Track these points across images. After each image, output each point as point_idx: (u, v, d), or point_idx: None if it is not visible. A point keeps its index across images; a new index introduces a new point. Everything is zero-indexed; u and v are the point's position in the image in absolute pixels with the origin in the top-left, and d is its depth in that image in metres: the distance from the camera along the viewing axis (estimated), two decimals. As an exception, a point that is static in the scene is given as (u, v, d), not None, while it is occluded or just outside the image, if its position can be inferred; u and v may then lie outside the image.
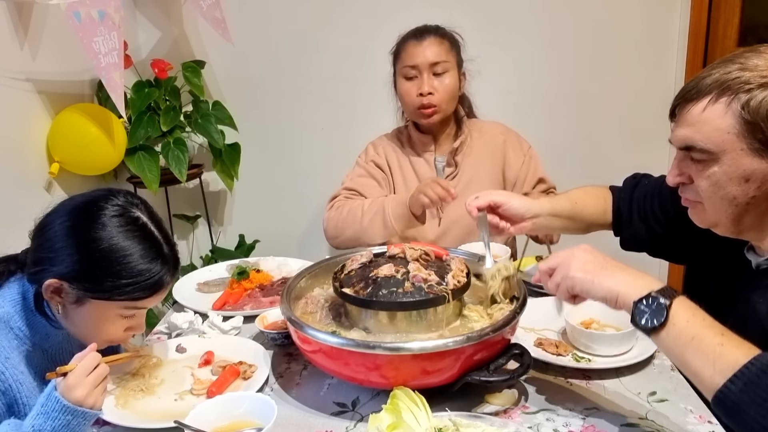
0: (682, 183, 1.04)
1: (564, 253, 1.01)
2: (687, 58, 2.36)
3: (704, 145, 0.96)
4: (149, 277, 1.04)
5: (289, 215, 2.62)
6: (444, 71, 1.73)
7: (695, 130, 0.97)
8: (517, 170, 1.81)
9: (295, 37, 2.43)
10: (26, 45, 1.89)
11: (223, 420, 0.99)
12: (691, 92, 0.98)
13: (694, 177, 1.01)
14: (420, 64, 1.72)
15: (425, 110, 1.73)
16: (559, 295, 1.01)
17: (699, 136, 0.96)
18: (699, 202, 1.03)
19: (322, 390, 1.16)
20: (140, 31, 2.43)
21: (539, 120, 2.34)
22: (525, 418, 1.05)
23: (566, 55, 2.40)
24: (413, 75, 1.74)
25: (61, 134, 1.97)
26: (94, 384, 0.98)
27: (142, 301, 1.06)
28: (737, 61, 0.94)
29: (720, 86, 0.94)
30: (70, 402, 0.95)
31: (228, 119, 2.36)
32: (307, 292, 1.29)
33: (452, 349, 1.00)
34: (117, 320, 1.07)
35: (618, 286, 0.93)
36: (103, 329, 1.07)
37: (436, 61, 1.72)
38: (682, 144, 1.00)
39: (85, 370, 0.97)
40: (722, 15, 2.24)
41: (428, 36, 1.74)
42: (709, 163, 0.97)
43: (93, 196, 1.08)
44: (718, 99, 0.94)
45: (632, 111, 2.46)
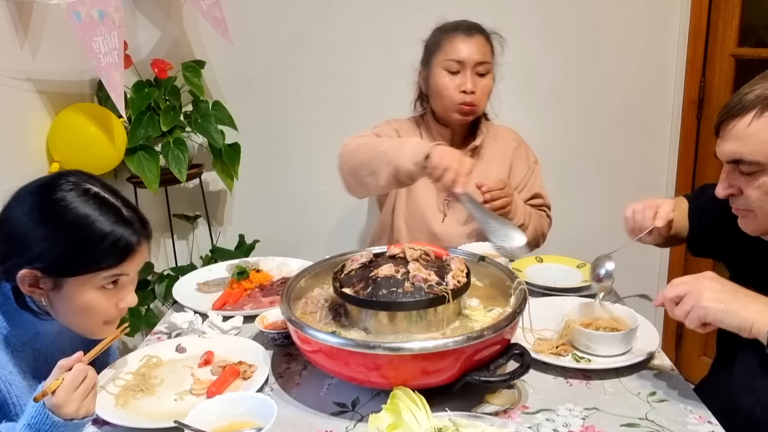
0: (731, 194, 1.08)
1: (691, 282, 1.02)
2: (687, 59, 2.36)
3: (753, 158, 1.00)
4: (115, 239, 1.02)
5: (289, 215, 2.62)
6: (486, 72, 1.71)
7: (743, 143, 1.01)
8: (519, 180, 1.81)
9: (295, 37, 2.43)
10: (26, 44, 1.89)
11: (222, 420, 0.99)
12: (736, 108, 1.02)
13: (743, 188, 1.05)
14: (467, 61, 1.68)
15: (465, 107, 1.70)
16: (689, 323, 1.02)
17: (747, 149, 1.00)
18: (750, 211, 1.06)
19: (321, 390, 1.16)
20: (140, 30, 2.43)
21: (537, 120, 2.34)
22: (525, 418, 1.05)
23: (565, 55, 2.40)
24: (456, 70, 1.69)
25: (61, 134, 1.97)
26: (83, 396, 0.96)
27: (117, 267, 1.04)
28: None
29: (764, 101, 0.99)
30: (60, 418, 0.93)
31: (228, 119, 2.36)
32: (307, 292, 1.29)
33: (452, 349, 1.00)
34: (102, 296, 1.05)
35: (753, 316, 0.96)
36: (93, 309, 1.05)
37: (483, 60, 1.69)
38: (730, 158, 1.04)
39: (72, 385, 0.95)
40: (722, 16, 2.24)
41: (477, 34, 1.71)
42: (759, 174, 1.01)
43: (44, 180, 1.07)
44: (762, 113, 0.98)
45: (632, 111, 2.46)
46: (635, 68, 2.41)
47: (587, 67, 2.40)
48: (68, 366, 0.97)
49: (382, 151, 1.44)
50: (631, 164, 2.52)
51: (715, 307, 0.98)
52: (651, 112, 2.47)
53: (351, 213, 2.61)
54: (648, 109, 2.46)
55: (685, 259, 2.51)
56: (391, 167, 1.40)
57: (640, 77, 2.42)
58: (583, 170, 2.49)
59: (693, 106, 2.37)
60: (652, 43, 2.38)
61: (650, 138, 2.49)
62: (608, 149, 2.50)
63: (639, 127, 2.48)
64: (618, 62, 2.40)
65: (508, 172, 1.82)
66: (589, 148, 2.49)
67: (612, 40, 2.38)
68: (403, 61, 2.41)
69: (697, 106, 2.36)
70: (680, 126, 2.43)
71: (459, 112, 1.72)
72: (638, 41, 2.38)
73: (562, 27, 2.37)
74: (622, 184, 2.52)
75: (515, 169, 1.83)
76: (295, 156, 2.56)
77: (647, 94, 2.44)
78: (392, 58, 2.41)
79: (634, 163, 2.52)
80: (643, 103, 2.45)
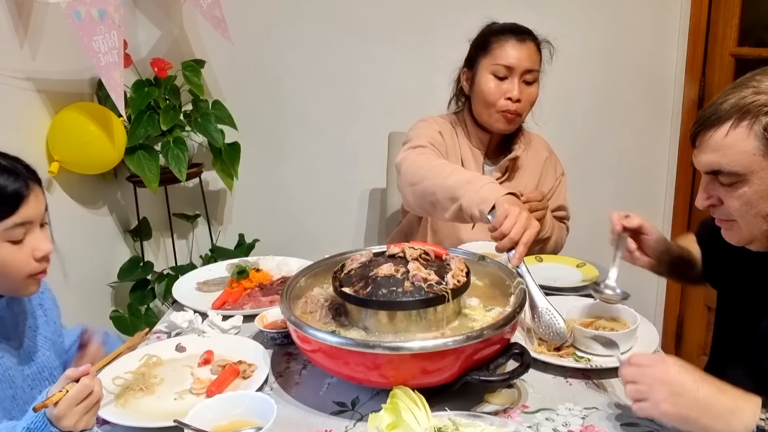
0: (712, 205, 1.06)
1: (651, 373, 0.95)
2: (687, 58, 2.36)
3: (731, 168, 0.98)
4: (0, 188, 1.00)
5: (289, 214, 2.62)
6: (534, 80, 1.67)
7: (721, 154, 0.99)
8: (547, 191, 1.80)
9: (295, 37, 2.43)
10: (26, 44, 1.89)
11: (222, 419, 0.99)
12: (711, 118, 0.99)
13: (723, 198, 1.02)
14: (516, 67, 1.63)
15: (509, 115, 1.66)
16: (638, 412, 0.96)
17: (725, 160, 0.98)
18: (733, 221, 1.04)
19: (321, 389, 1.16)
20: (140, 30, 2.42)
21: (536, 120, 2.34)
22: (524, 417, 1.05)
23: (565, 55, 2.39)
24: (504, 75, 1.65)
25: (61, 133, 1.97)
26: (85, 411, 0.95)
27: (14, 215, 1.02)
28: (750, 85, 0.97)
29: (739, 110, 0.96)
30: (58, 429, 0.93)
31: (228, 118, 2.35)
32: (307, 291, 1.29)
33: (452, 349, 1.00)
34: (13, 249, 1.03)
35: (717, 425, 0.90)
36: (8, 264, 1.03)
37: (531, 68, 1.65)
38: (708, 169, 1.02)
39: (75, 400, 0.94)
40: (722, 15, 2.24)
41: (529, 40, 1.67)
42: (738, 184, 0.99)
43: None
44: (739, 123, 0.96)
45: (632, 111, 2.46)
46: (635, 68, 2.41)
47: (587, 66, 2.40)
48: (75, 377, 0.96)
49: (449, 186, 1.38)
50: (631, 164, 2.52)
51: (670, 414, 0.92)
52: (651, 112, 2.47)
53: (351, 212, 2.62)
54: (648, 109, 2.46)
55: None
56: (457, 205, 1.35)
57: (640, 77, 2.42)
58: (582, 170, 2.48)
59: (693, 106, 2.37)
60: (652, 42, 2.38)
61: (650, 138, 2.49)
62: (608, 149, 2.50)
63: (639, 127, 2.48)
64: (618, 61, 2.40)
65: (538, 182, 1.80)
66: (589, 148, 2.49)
67: (612, 40, 2.38)
68: (404, 60, 2.42)
69: (697, 106, 2.36)
70: (680, 126, 2.43)
71: (501, 119, 1.68)
72: (638, 41, 2.38)
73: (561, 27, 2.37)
74: (622, 183, 2.52)
75: (544, 179, 1.81)
76: (295, 155, 2.56)
77: (647, 93, 2.44)
78: (393, 58, 2.41)
79: (634, 163, 2.52)
80: (643, 103, 2.45)
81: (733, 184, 0.99)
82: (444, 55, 1.86)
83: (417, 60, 2.41)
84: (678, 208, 2.49)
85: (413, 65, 2.41)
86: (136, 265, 2.37)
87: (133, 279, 2.34)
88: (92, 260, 2.24)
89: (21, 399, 1.11)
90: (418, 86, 2.41)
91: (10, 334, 1.12)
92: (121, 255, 2.43)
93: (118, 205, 2.44)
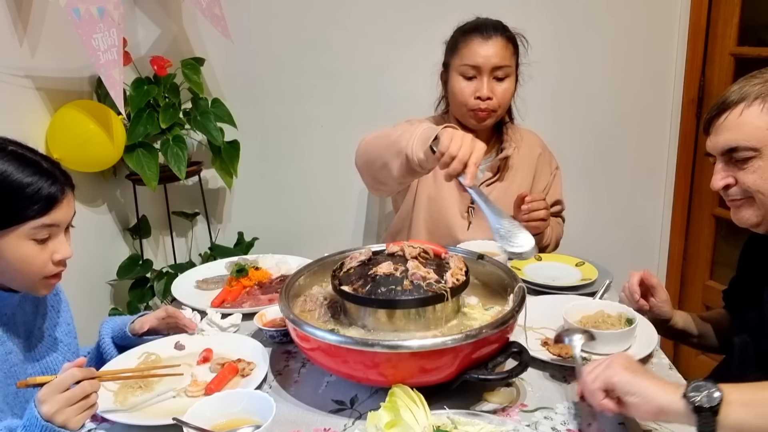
0: (727, 186, 1.12)
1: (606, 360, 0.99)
2: (687, 58, 2.36)
3: (747, 143, 1.06)
4: (37, 189, 1.04)
5: (288, 213, 2.62)
6: (505, 76, 1.64)
7: (736, 131, 1.07)
8: (542, 187, 1.79)
9: (294, 34, 2.42)
10: (25, 41, 1.89)
11: (221, 417, 0.99)
12: (725, 103, 1.09)
13: (739, 177, 1.10)
14: (482, 66, 1.62)
15: (480, 113, 1.65)
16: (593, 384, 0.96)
17: (741, 135, 1.07)
18: (748, 198, 1.10)
19: (320, 387, 1.16)
20: (139, 27, 2.42)
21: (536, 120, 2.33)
22: (523, 416, 1.05)
23: (564, 55, 2.40)
24: (472, 75, 1.64)
25: (60, 131, 1.97)
26: (68, 402, 0.94)
27: (45, 216, 1.05)
28: (759, 77, 1.08)
29: (752, 94, 1.06)
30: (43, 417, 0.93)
31: (227, 116, 2.35)
32: (306, 289, 1.29)
33: (451, 347, 1.00)
34: (36, 249, 1.06)
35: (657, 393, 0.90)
36: (29, 262, 1.06)
37: (500, 65, 1.62)
38: (725, 147, 1.10)
39: (58, 387, 0.94)
40: (722, 14, 2.24)
41: (495, 36, 1.63)
42: (754, 159, 1.07)
43: None
44: (752, 103, 1.06)
45: (631, 110, 2.46)
46: (635, 67, 2.40)
47: (586, 65, 2.40)
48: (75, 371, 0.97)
49: (393, 141, 1.35)
50: (630, 163, 2.52)
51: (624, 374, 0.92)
52: (650, 111, 2.46)
53: (350, 211, 2.61)
54: (647, 108, 2.46)
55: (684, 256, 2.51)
56: (402, 156, 1.31)
57: (639, 76, 2.42)
58: (582, 169, 2.49)
59: (692, 104, 2.37)
60: (651, 41, 2.38)
61: (649, 137, 2.49)
62: (607, 148, 2.50)
63: (638, 126, 2.47)
64: (617, 61, 2.40)
65: (532, 180, 1.80)
66: (588, 147, 2.49)
67: (611, 39, 2.38)
68: (403, 59, 2.42)
69: (696, 105, 2.36)
70: (679, 125, 2.43)
71: (473, 118, 1.68)
72: (638, 40, 2.38)
73: (560, 27, 2.37)
74: (621, 182, 2.52)
75: (539, 176, 1.80)
76: (295, 154, 2.55)
77: (647, 92, 2.44)
78: (392, 56, 2.41)
79: (633, 162, 2.52)
80: (643, 102, 2.45)
81: (749, 159, 1.07)
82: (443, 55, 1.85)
83: (417, 60, 2.40)
84: (677, 208, 2.49)
85: (413, 65, 2.40)
86: (136, 263, 2.38)
87: (132, 277, 2.34)
88: (91, 258, 2.24)
89: (23, 397, 1.11)
90: (418, 86, 2.40)
91: (20, 333, 1.13)
92: (120, 253, 2.43)
93: (117, 203, 2.44)
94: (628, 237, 2.54)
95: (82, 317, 1.45)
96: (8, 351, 1.08)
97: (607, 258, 1.70)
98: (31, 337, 1.17)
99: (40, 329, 1.20)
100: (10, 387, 1.08)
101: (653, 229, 2.57)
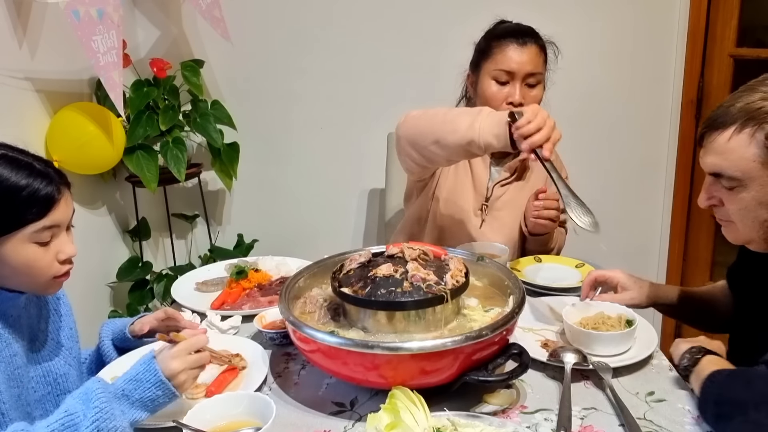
0: (713, 205, 1.08)
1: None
2: (685, 59, 2.36)
3: (732, 173, 1.00)
4: (33, 191, 1.03)
5: (288, 215, 2.62)
6: (537, 83, 1.65)
7: (723, 158, 1.01)
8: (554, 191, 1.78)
9: (294, 37, 2.43)
10: (25, 43, 1.89)
11: (221, 419, 0.99)
12: (717, 121, 1.01)
13: (724, 200, 1.05)
14: (516, 72, 1.61)
15: None
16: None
17: (726, 164, 1.01)
18: (731, 222, 1.06)
19: (320, 390, 1.16)
20: (139, 29, 2.42)
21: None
22: (523, 417, 1.05)
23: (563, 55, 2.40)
24: (506, 80, 1.63)
25: (60, 133, 1.97)
26: (192, 364, 1.03)
27: (45, 218, 1.04)
28: (760, 90, 0.99)
29: (745, 115, 0.98)
30: (164, 373, 0.99)
31: (227, 118, 2.35)
32: (306, 291, 1.29)
33: (451, 349, 1.00)
34: (40, 251, 1.05)
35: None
36: (34, 264, 1.05)
37: (533, 72, 1.63)
38: (711, 170, 1.05)
39: (190, 347, 1.03)
40: (720, 16, 2.24)
41: (530, 43, 1.64)
42: (738, 188, 1.01)
43: None
44: (742, 129, 0.98)
45: (630, 111, 2.46)
46: (634, 68, 2.41)
47: (586, 66, 2.40)
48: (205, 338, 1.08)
49: (450, 119, 1.34)
50: (630, 164, 2.52)
51: None
52: (649, 113, 2.47)
53: (350, 213, 2.62)
54: (646, 110, 2.46)
55: (684, 257, 2.52)
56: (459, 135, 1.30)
57: (638, 77, 2.42)
58: (581, 170, 2.48)
59: (691, 106, 2.37)
60: (650, 43, 2.38)
61: (649, 138, 2.49)
62: (607, 149, 2.50)
63: (637, 128, 2.48)
64: (617, 62, 2.40)
65: (545, 183, 1.78)
66: (588, 148, 2.48)
67: (611, 41, 2.38)
68: (403, 60, 2.42)
69: (695, 107, 2.36)
70: (678, 126, 2.43)
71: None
72: (637, 41, 2.38)
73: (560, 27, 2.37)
74: (621, 184, 2.52)
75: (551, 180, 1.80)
76: (294, 156, 2.56)
77: (646, 94, 2.44)
78: (392, 58, 2.41)
79: (632, 164, 2.52)
80: (642, 104, 2.45)
81: (734, 188, 1.01)
82: (444, 56, 1.86)
83: (416, 60, 2.41)
84: (677, 209, 2.49)
85: (413, 65, 2.41)
86: (135, 265, 2.37)
87: (131, 279, 2.34)
88: (91, 260, 2.24)
89: (24, 400, 1.11)
90: (418, 86, 2.41)
91: (24, 335, 1.13)
92: (119, 255, 2.43)
93: (117, 205, 2.44)
94: (628, 238, 2.54)
95: (82, 319, 1.44)
96: (14, 353, 1.08)
97: (606, 259, 1.70)
98: (35, 340, 1.17)
99: (44, 332, 1.20)
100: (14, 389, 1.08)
101: (653, 230, 2.57)
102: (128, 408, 0.97)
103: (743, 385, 0.93)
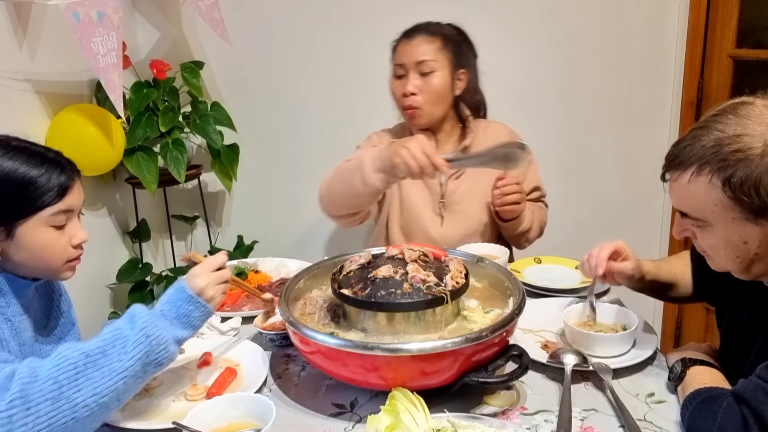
0: (687, 237, 1.06)
1: None
2: (685, 60, 2.36)
3: (696, 215, 0.99)
4: (48, 177, 1.08)
5: (288, 216, 2.62)
6: (431, 71, 1.67)
7: (685, 200, 1.00)
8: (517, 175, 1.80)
9: (293, 38, 2.43)
10: (25, 45, 1.89)
11: (221, 421, 0.99)
12: (676, 161, 0.99)
13: (696, 235, 1.03)
14: (407, 63, 1.68)
15: (407, 111, 1.70)
16: None
17: (689, 206, 1.00)
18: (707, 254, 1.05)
19: (320, 391, 1.16)
20: (139, 31, 2.43)
21: (535, 120, 2.34)
22: (523, 419, 1.05)
23: (563, 55, 2.40)
24: (401, 74, 1.70)
25: (60, 134, 1.97)
26: (217, 280, 1.10)
27: (60, 202, 1.09)
28: (715, 128, 0.94)
29: (699, 159, 0.94)
30: (192, 290, 1.06)
31: (226, 120, 2.35)
32: (306, 293, 1.29)
33: (451, 350, 1.00)
34: (55, 234, 1.10)
35: None
36: (49, 248, 1.10)
37: (422, 60, 1.66)
38: (677, 208, 1.04)
39: (210, 265, 1.11)
40: (720, 17, 2.24)
41: (418, 34, 1.70)
42: (705, 227, 0.99)
43: None
44: (700, 172, 0.95)
45: (630, 112, 2.46)
46: (633, 69, 2.41)
47: (585, 67, 2.41)
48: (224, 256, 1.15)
49: (346, 181, 1.51)
50: (629, 165, 2.52)
51: None
52: (649, 113, 2.47)
53: (350, 214, 2.61)
54: (646, 110, 2.46)
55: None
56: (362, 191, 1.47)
57: (638, 78, 2.42)
58: (581, 171, 2.49)
59: (691, 107, 2.37)
60: (650, 44, 2.38)
61: (648, 139, 2.49)
62: (606, 150, 2.50)
63: (637, 129, 2.48)
64: (616, 63, 2.40)
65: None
66: (587, 149, 2.49)
67: (610, 41, 2.38)
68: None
69: (695, 108, 2.36)
70: (678, 127, 2.43)
71: (406, 116, 1.73)
72: (637, 42, 2.38)
73: (561, 27, 2.37)
74: (620, 185, 2.52)
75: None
76: (294, 157, 2.56)
77: (645, 95, 2.44)
78: (391, 59, 2.41)
79: (631, 165, 2.52)
80: (641, 104, 2.45)
81: (701, 226, 1.00)
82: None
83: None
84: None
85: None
86: (135, 266, 2.37)
87: (131, 280, 2.34)
88: (91, 261, 2.22)
89: None
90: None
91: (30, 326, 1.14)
92: (119, 256, 2.43)
93: (116, 207, 2.44)
94: (628, 239, 2.52)
95: (82, 320, 1.44)
96: (22, 342, 1.09)
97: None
98: (39, 333, 1.18)
99: (47, 327, 1.22)
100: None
101: (653, 231, 2.57)
102: (169, 325, 1.03)
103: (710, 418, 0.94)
